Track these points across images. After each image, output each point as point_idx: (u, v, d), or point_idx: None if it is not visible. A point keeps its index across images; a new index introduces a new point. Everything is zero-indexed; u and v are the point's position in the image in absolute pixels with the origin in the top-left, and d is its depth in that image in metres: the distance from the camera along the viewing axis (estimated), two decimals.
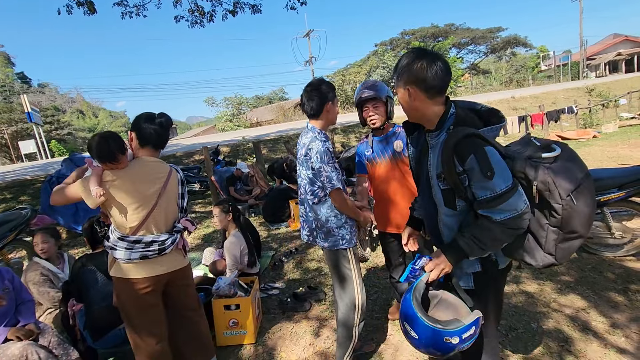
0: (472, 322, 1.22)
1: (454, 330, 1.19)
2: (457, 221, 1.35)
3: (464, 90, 28.86)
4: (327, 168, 1.90)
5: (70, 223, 5.00)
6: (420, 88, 1.28)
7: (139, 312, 1.87)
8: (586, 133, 11.04)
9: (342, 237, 1.99)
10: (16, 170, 10.33)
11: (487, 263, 1.38)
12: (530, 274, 3.08)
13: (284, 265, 3.92)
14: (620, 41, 34.99)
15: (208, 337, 2.21)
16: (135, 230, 1.81)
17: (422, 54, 1.29)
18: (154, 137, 1.91)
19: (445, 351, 1.23)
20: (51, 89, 42.49)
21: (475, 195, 1.24)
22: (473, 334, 1.23)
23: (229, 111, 29.60)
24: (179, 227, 1.96)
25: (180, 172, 2.08)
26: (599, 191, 3.04)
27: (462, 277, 1.41)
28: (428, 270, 1.33)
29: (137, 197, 1.79)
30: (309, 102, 1.98)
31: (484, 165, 1.18)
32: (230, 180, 6.24)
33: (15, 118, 27.04)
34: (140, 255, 1.80)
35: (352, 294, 2.03)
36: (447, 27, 38.20)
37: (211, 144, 8.58)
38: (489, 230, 1.24)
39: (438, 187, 1.33)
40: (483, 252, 1.28)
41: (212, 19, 8.99)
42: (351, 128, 12.12)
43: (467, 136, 1.22)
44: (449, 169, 1.25)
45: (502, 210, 1.20)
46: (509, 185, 1.19)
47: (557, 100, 17.08)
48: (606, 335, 2.26)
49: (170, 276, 1.93)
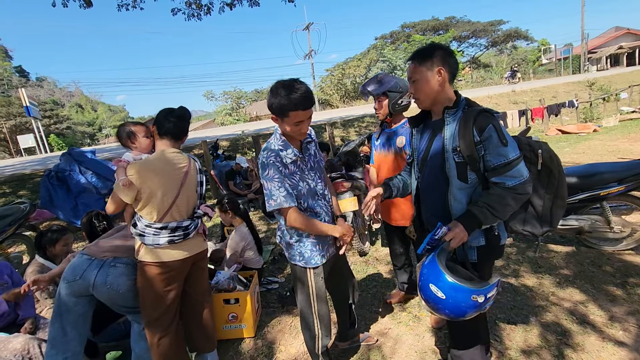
0: (494, 283, 1.37)
1: (481, 289, 1.32)
2: (467, 195, 1.49)
3: (464, 84, 28.68)
4: (268, 184, 1.64)
5: (70, 217, 5.00)
6: (448, 71, 1.48)
7: (159, 296, 1.95)
8: (587, 127, 11.01)
9: (300, 253, 1.78)
10: (15, 164, 10.31)
11: (491, 237, 1.52)
12: (529, 267, 3.09)
13: (283, 260, 3.93)
14: (622, 34, 34.70)
15: (213, 328, 2.26)
16: (162, 217, 1.90)
17: (442, 45, 1.54)
18: (172, 129, 2.01)
19: (470, 310, 1.34)
20: (49, 82, 42.21)
21: (489, 163, 1.41)
22: (494, 295, 1.36)
23: (228, 105, 29.47)
24: (200, 212, 2.07)
25: (198, 161, 2.18)
26: (598, 185, 3.04)
27: (468, 250, 1.54)
28: (448, 239, 1.42)
29: (161, 186, 1.89)
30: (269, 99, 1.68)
31: (501, 134, 1.39)
32: (230, 174, 6.24)
33: (13, 112, 26.93)
34: (168, 240, 1.89)
35: (309, 319, 1.89)
36: (448, 20, 37.92)
37: (210, 138, 8.55)
38: (502, 196, 1.40)
39: (453, 160, 1.48)
40: (495, 219, 1.43)
41: (209, 12, 8.92)
42: (350, 122, 12.08)
43: (484, 110, 1.44)
44: (467, 139, 1.41)
45: (512, 176, 1.39)
46: (518, 154, 1.41)
47: (558, 94, 17.01)
48: (604, 328, 2.27)
49: (194, 258, 2.05)
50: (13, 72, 35.78)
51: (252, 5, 8.90)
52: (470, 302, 1.31)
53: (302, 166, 1.75)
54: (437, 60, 1.47)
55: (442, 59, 1.47)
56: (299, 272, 1.83)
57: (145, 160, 1.94)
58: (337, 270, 2.02)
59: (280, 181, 1.63)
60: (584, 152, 7.68)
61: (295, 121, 1.59)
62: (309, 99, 1.58)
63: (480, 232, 1.50)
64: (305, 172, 1.76)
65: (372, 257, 3.72)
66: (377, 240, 4.11)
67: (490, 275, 1.60)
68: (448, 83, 1.50)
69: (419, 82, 1.52)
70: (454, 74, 1.51)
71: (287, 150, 1.69)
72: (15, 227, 3.89)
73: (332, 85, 26.18)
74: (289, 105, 1.55)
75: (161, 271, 1.92)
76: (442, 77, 1.48)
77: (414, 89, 1.55)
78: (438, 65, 1.47)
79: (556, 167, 1.49)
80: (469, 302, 1.32)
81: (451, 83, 1.52)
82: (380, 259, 3.64)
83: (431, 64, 1.48)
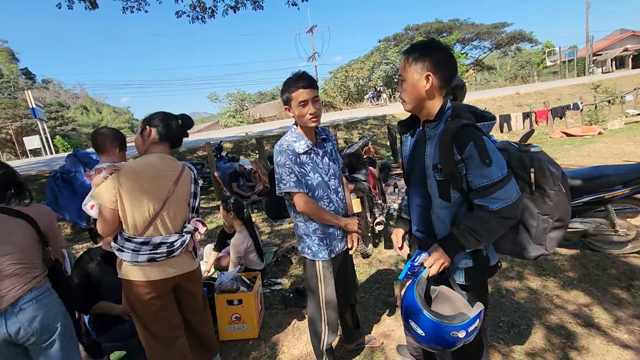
0: (476, 315, 1.24)
1: (460, 325, 1.21)
2: (450, 213, 1.37)
3: (469, 86, 28.61)
4: (279, 169, 1.75)
5: (76, 218, 5.03)
6: (438, 77, 1.30)
7: (149, 316, 1.80)
8: (591, 129, 10.94)
9: (309, 246, 1.86)
10: (21, 165, 10.40)
11: (479, 258, 1.40)
12: (533, 270, 3.07)
13: (286, 261, 3.93)
14: (627, 36, 34.57)
15: (212, 338, 2.16)
16: (144, 230, 1.72)
17: (442, 45, 1.34)
18: (176, 135, 1.89)
19: (451, 345, 1.24)
20: (55, 84, 42.66)
21: (471, 184, 1.27)
22: (477, 327, 1.25)
23: (231, 107, 29.57)
24: (190, 228, 1.86)
25: (194, 170, 1.99)
26: (603, 188, 3.02)
27: (455, 272, 1.43)
28: (428, 265, 1.33)
29: (144, 195, 1.71)
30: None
31: (483, 152, 1.22)
32: (233, 176, 6.26)
33: (19, 114, 27.18)
34: (147, 257, 1.71)
35: (316, 312, 1.94)
36: (452, 23, 37.85)
37: (214, 140, 8.58)
38: (485, 220, 1.27)
39: (434, 178, 1.35)
40: (478, 243, 1.31)
41: (213, 15, 8.97)
42: (354, 124, 12.09)
43: (465, 125, 1.26)
44: (447, 158, 1.27)
45: (497, 198, 1.23)
46: (505, 173, 1.24)
47: (562, 97, 16.93)
48: (609, 331, 2.25)
49: (178, 279, 1.86)
50: (19, 75, 36.21)
51: (255, 8, 8.95)
52: (451, 338, 1.21)
53: (316, 159, 1.83)
54: (428, 65, 1.29)
55: (434, 65, 1.29)
56: (309, 265, 1.91)
57: (129, 163, 1.77)
58: (342, 271, 2.04)
59: (290, 167, 1.73)
60: (588, 154, 7.63)
61: (299, 100, 1.71)
62: (306, 78, 1.74)
63: (467, 253, 1.38)
64: (319, 165, 1.83)
65: (375, 259, 3.72)
66: (380, 242, 4.11)
67: (484, 295, 1.51)
68: (438, 91, 1.33)
69: (406, 83, 1.36)
70: (446, 82, 1.32)
71: (300, 141, 1.79)
72: None
73: (336, 87, 26.18)
74: (290, 86, 1.72)
75: (140, 292, 1.75)
76: (430, 84, 1.30)
77: (400, 88, 1.40)
78: (428, 70, 1.29)
79: (552, 186, 1.27)
80: (449, 338, 1.22)
81: (440, 91, 1.33)
82: (384, 261, 3.64)
83: (421, 67, 1.30)
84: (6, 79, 33.17)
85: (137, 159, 1.80)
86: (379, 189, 4.60)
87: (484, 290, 1.53)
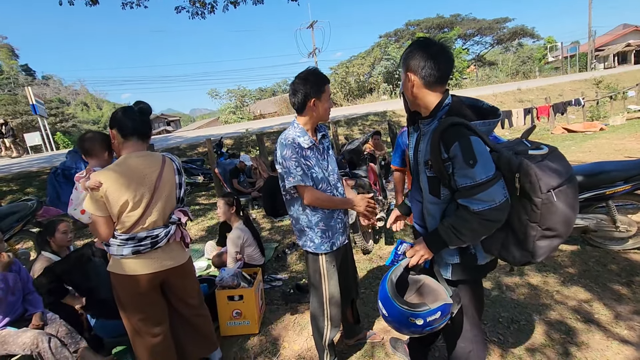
0: (437, 308, 1.31)
1: (418, 313, 1.30)
2: (440, 209, 1.39)
3: (469, 82, 28.49)
4: (286, 163, 1.74)
5: None
6: (418, 76, 1.32)
7: (135, 308, 1.83)
8: (593, 125, 10.91)
9: (311, 239, 1.86)
10: (22, 162, 10.41)
11: (466, 256, 1.42)
12: (534, 266, 3.08)
13: (287, 257, 3.94)
14: (629, 32, 34.28)
15: (210, 331, 2.18)
16: (131, 228, 1.75)
17: (425, 43, 1.33)
18: (138, 126, 1.81)
19: (413, 330, 1.35)
20: (55, 81, 42.59)
21: (456, 183, 1.27)
22: (439, 319, 1.32)
23: (232, 103, 29.55)
24: (174, 218, 1.87)
25: (176, 160, 1.98)
26: (604, 184, 3.02)
27: (442, 267, 1.47)
28: (409, 256, 1.43)
29: (128, 196, 1.71)
30: (293, 96, 1.79)
31: (467, 153, 1.20)
32: (234, 172, 6.25)
33: (20, 110, 27.17)
34: (132, 250, 1.75)
35: (319, 308, 1.95)
36: (453, 18, 37.63)
37: (214, 137, 8.58)
38: (467, 220, 1.27)
39: (425, 174, 1.39)
40: (461, 242, 1.32)
41: (213, 10, 8.94)
42: (354, 120, 12.07)
43: (453, 124, 1.24)
44: (435, 155, 1.28)
45: (480, 200, 1.22)
46: (490, 175, 1.21)
47: (564, 92, 16.87)
48: (609, 327, 2.26)
49: (166, 274, 1.87)
50: (19, 71, 36.15)
51: (255, 3, 8.91)
52: (409, 323, 1.32)
53: (317, 155, 1.84)
54: (408, 65, 1.33)
55: (408, 64, 1.33)
56: (311, 260, 1.91)
57: (107, 169, 1.74)
58: (343, 267, 2.04)
59: (297, 160, 1.73)
60: (590, 150, 7.61)
61: (329, 94, 1.80)
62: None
63: (455, 249, 1.40)
64: (321, 161, 1.86)
65: (375, 255, 3.73)
66: (381, 238, 4.11)
67: (474, 293, 1.53)
68: (423, 89, 1.33)
69: (402, 86, 1.42)
70: (432, 78, 1.30)
71: (304, 137, 1.79)
72: (23, 223, 3.93)
73: (336, 83, 26.10)
74: (324, 80, 1.77)
75: (128, 285, 1.79)
76: (412, 83, 1.33)
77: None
78: (408, 70, 1.34)
79: (538, 194, 1.17)
80: (408, 323, 1.32)
81: (430, 88, 1.33)
82: (384, 257, 3.65)
83: (405, 68, 1.35)
84: (6, 75, 33.13)
85: (114, 163, 1.79)
86: (380, 185, 4.59)
87: (473, 289, 1.53)
